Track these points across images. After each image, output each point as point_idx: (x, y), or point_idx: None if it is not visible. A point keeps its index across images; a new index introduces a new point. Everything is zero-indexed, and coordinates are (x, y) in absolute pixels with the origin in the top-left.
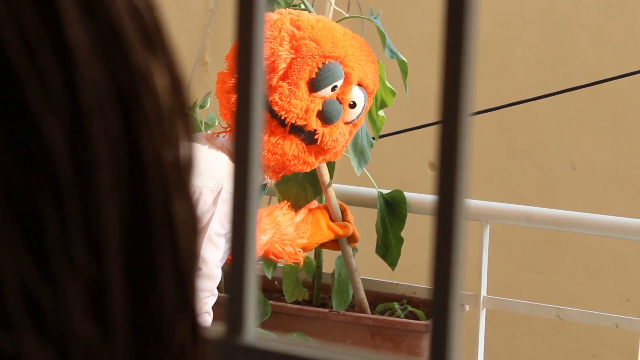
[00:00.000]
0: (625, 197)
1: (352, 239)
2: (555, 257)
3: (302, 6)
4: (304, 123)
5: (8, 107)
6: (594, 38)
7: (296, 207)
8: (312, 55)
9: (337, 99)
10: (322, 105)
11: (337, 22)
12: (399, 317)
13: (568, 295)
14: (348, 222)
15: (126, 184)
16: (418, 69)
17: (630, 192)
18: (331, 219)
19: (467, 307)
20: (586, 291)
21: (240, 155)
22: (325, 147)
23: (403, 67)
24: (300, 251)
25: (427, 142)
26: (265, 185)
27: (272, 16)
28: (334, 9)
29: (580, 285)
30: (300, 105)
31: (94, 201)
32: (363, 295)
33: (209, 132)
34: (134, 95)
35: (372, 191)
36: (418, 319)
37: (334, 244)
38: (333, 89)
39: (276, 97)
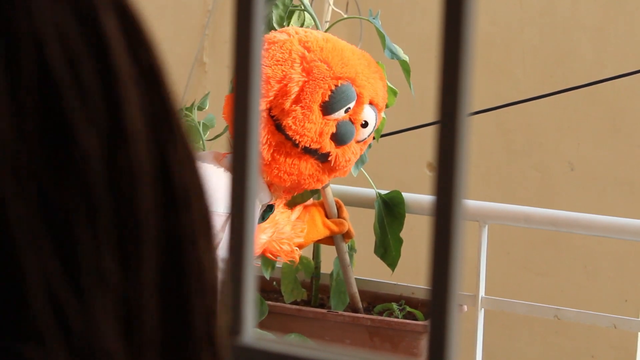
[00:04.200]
0: (623, 197)
1: (347, 235)
2: (553, 257)
3: (301, 7)
4: (318, 146)
5: (47, 116)
6: (593, 39)
7: (292, 204)
8: (324, 78)
9: (350, 119)
10: (336, 127)
11: (335, 23)
12: (397, 317)
13: (566, 295)
14: (344, 218)
15: (161, 209)
16: (416, 69)
17: (629, 193)
18: (326, 216)
19: (465, 307)
20: (584, 292)
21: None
22: (338, 167)
23: (405, 67)
24: (296, 249)
25: (426, 143)
26: (272, 205)
27: (280, 37)
28: (333, 9)
29: (578, 286)
30: (314, 129)
31: (133, 220)
32: (355, 290)
33: (214, 149)
34: (167, 125)
35: (370, 192)
36: (416, 320)
37: (329, 238)
38: (346, 110)
39: (289, 121)
